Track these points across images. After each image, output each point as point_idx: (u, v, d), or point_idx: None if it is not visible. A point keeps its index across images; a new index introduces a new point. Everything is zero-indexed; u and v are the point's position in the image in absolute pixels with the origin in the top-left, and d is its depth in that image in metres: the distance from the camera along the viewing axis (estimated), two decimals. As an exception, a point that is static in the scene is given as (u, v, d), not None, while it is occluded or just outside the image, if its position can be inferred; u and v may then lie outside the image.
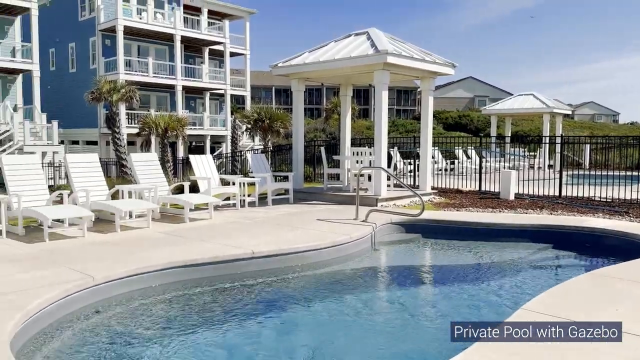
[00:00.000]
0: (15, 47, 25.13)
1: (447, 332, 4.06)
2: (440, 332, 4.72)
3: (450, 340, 4.00)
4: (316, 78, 13.33)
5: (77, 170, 8.59)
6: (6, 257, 6.12)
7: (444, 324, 4.76)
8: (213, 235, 7.57)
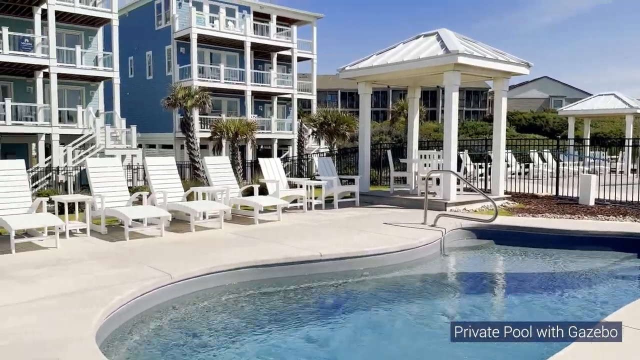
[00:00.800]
0: (97, 56, 26.85)
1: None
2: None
3: (450, 340, 3.96)
4: (384, 81, 13.24)
5: (155, 172, 9.02)
6: (91, 255, 6.52)
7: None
8: (281, 236, 7.68)
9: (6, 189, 7.44)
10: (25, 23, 24.20)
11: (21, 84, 25.32)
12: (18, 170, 7.69)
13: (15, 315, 4.30)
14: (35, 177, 21.72)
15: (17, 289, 5.03)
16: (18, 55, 22.17)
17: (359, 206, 11.23)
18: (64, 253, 6.55)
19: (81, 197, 7.93)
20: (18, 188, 7.54)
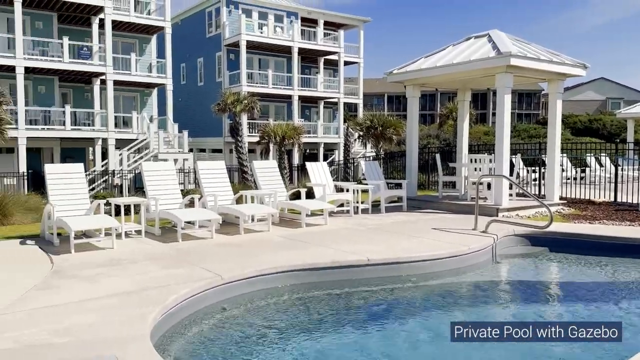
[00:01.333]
0: (151, 64, 27.80)
1: (582, 352, 3.72)
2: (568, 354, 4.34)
3: (450, 340, 3.93)
4: (432, 84, 13.06)
5: (206, 176, 9.24)
6: (146, 255, 6.75)
7: (574, 345, 4.37)
8: (328, 240, 7.70)
9: (66, 191, 7.81)
10: (84, 32, 25.38)
11: (80, 90, 26.55)
12: (78, 174, 8.07)
13: (76, 313, 4.50)
14: (92, 180, 22.69)
15: (77, 287, 5.26)
16: (77, 63, 23.26)
17: (406, 211, 11.10)
18: (120, 253, 6.81)
19: (136, 200, 8.23)
20: (77, 191, 7.91)
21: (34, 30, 23.68)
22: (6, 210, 11.46)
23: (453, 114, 29.37)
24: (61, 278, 5.59)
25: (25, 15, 22.42)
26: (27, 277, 5.66)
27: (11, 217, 11.45)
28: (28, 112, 22.53)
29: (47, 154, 24.80)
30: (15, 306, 4.63)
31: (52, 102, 24.38)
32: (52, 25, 24.20)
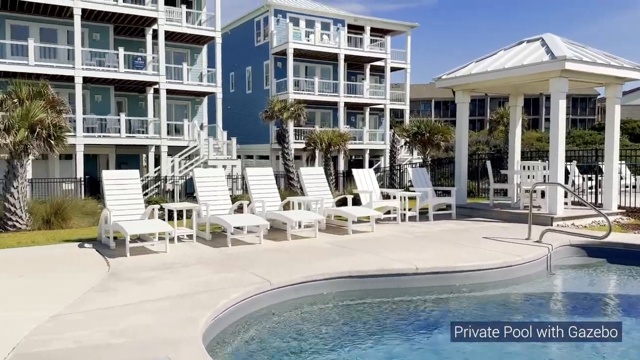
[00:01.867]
0: (202, 73, 28.56)
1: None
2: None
3: (450, 340, 3.92)
4: (483, 89, 12.78)
5: (255, 183, 9.39)
6: (198, 260, 6.91)
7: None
8: (375, 247, 7.64)
9: (122, 196, 8.11)
10: (138, 43, 26.39)
11: (134, 99, 27.59)
12: (133, 180, 8.38)
13: (132, 314, 4.65)
14: (145, 186, 23.47)
15: (133, 290, 5.44)
16: (132, 73, 24.19)
17: (455, 219, 10.88)
18: (173, 257, 7.00)
19: (188, 205, 8.45)
20: (133, 196, 8.20)
21: (92, 42, 24.81)
22: (65, 214, 12.02)
23: (504, 120, 28.67)
24: (117, 280, 5.80)
25: (83, 27, 23.53)
26: (85, 279, 5.90)
27: (69, 220, 11.99)
28: (85, 120, 23.58)
29: (102, 160, 25.88)
30: (75, 307, 4.84)
31: (108, 110, 25.45)
32: (108, 37, 25.30)
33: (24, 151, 12.00)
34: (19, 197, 11.86)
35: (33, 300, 5.15)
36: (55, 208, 11.94)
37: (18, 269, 6.51)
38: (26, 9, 22.51)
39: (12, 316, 4.66)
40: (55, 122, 12.09)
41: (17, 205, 11.76)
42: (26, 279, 6.03)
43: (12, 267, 6.68)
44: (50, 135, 11.97)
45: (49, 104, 12.72)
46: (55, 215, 11.79)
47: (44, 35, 23.82)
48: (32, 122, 11.76)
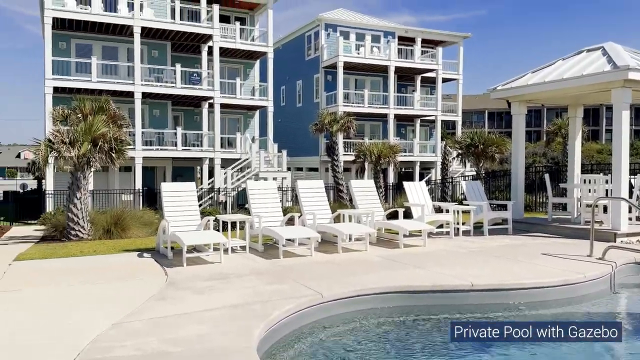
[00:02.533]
0: (254, 87, 29.21)
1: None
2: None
3: (449, 340, 3.89)
4: (540, 100, 12.41)
5: (306, 195, 9.47)
6: (251, 271, 7.03)
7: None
8: (428, 262, 7.52)
9: (180, 208, 8.38)
10: (194, 59, 27.32)
11: (190, 113, 28.52)
12: (190, 192, 8.64)
13: (189, 324, 4.77)
14: (199, 197, 24.11)
15: (189, 299, 5.60)
16: (188, 88, 25.05)
17: (511, 234, 10.56)
18: (227, 268, 7.15)
19: (242, 217, 8.63)
20: (190, 207, 8.46)
21: (150, 59, 25.89)
22: (124, 224, 12.46)
23: (562, 131, 27.58)
24: (175, 290, 5.98)
25: (143, 45, 24.59)
26: (144, 287, 6.12)
27: (129, 230, 12.42)
28: (144, 134, 24.53)
29: (159, 172, 26.84)
30: (135, 315, 5.02)
31: (165, 124, 26.42)
32: (166, 54, 26.34)
33: (86, 164, 12.53)
34: (82, 208, 12.40)
35: (95, 308, 5.39)
36: (115, 218, 12.40)
37: (81, 278, 6.83)
38: (90, 29, 23.80)
39: (77, 323, 4.89)
40: (116, 136, 12.60)
41: (79, 215, 12.29)
42: (89, 287, 6.32)
43: (76, 275, 7.02)
44: (111, 149, 12.46)
45: (110, 118, 13.32)
46: (115, 225, 12.22)
47: (105, 53, 25.09)
48: (94, 136, 12.28)
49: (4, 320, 5.04)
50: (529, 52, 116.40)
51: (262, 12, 29.02)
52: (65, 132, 12.16)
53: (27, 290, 6.16)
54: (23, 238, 12.56)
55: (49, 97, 21.86)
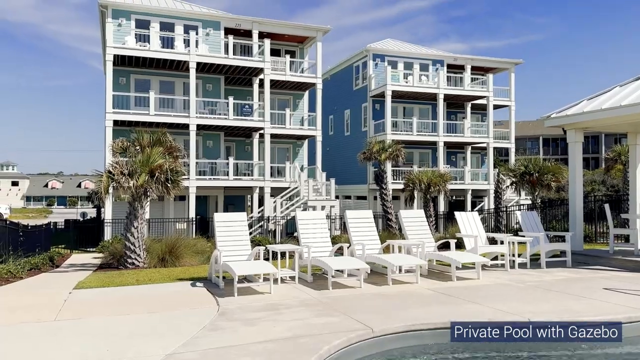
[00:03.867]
0: (303, 117, 29.69)
1: None
2: None
3: (450, 340, 3.90)
4: (596, 127, 11.98)
5: (354, 225, 9.45)
6: (301, 302, 7.03)
7: None
8: (482, 297, 7.28)
9: (231, 237, 8.55)
10: (245, 92, 28.14)
11: (241, 143, 29.24)
12: (241, 222, 8.81)
13: (241, 355, 4.81)
14: (250, 225, 24.45)
15: (241, 330, 5.65)
16: (240, 119, 25.77)
17: (570, 267, 10.09)
18: (277, 298, 7.19)
19: (292, 247, 8.69)
20: (241, 237, 8.61)
21: (205, 92, 26.88)
22: (178, 252, 12.75)
23: (622, 158, 26.38)
24: (227, 320, 6.05)
25: (197, 79, 25.57)
26: (197, 317, 6.24)
27: (182, 259, 12.68)
28: (198, 165, 25.28)
29: (212, 201, 27.49)
30: (189, 346, 5.11)
31: (218, 154, 27.16)
32: (220, 87, 27.27)
33: (144, 194, 12.96)
34: (138, 237, 12.78)
35: (150, 338, 5.53)
36: (169, 247, 12.72)
37: (137, 307, 7.04)
38: (148, 65, 25.04)
39: (132, 352, 5.03)
40: (172, 167, 13.04)
41: (136, 244, 12.67)
42: (144, 316, 6.50)
43: (132, 305, 7.25)
44: (167, 179, 12.87)
45: (167, 150, 13.80)
46: (170, 253, 12.52)
47: (163, 87, 26.24)
48: (152, 167, 12.72)
49: (63, 347, 5.24)
50: (582, 78, 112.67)
51: (312, 45, 29.67)
52: (125, 164, 12.67)
53: (87, 320, 6.41)
54: (82, 265, 13.11)
55: (109, 130, 22.92)
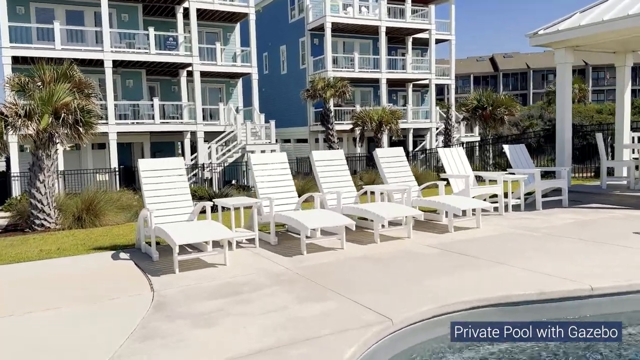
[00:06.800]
0: (236, 53, 26.79)
1: None
2: None
3: (450, 340, 3.50)
4: (590, 45, 10.39)
5: (324, 169, 7.49)
6: (271, 277, 5.08)
7: None
8: (501, 253, 5.69)
9: (165, 192, 6.36)
10: (168, 23, 24.72)
11: (166, 83, 26.04)
12: (177, 170, 6.60)
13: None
14: (182, 175, 21.98)
15: (190, 338, 3.63)
16: (164, 54, 22.58)
17: (567, 206, 8.79)
18: (236, 274, 5.20)
19: (249, 201, 6.63)
20: (178, 191, 6.44)
21: (120, 23, 23.28)
22: (98, 209, 10.58)
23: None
24: (166, 319, 4.01)
25: (111, 8, 21.96)
26: (121, 316, 4.16)
27: (104, 216, 10.56)
28: (117, 107, 22.17)
29: (137, 149, 24.52)
30: (108, 374, 3.08)
31: (140, 96, 23.98)
32: (137, 18, 23.69)
33: (49, 140, 10.54)
34: (47, 193, 10.42)
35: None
36: (87, 203, 10.50)
37: (26, 302, 4.81)
38: (50, -10, 21.10)
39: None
40: (82, 106, 10.57)
41: (44, 201, 10.34)
42: (37, 321, 4.28)
43: (21, 296, 5.02)
44: (77, 121, 10.48)
45: (75, 86, 11.19)
46: (88, 211, 10.36)
47: (70, 18, 22.37)
48: (56, 106, 10.27)
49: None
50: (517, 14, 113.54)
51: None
52: (22, 105, 10.17)
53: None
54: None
55: (8, 68, 19.36)
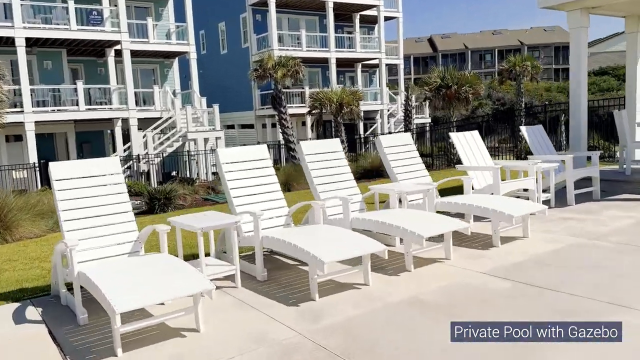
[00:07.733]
0: (170, 29, 23.96)
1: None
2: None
3: (450, 340, 3.21)
4: (609, 5, 8.87)
5: (317, 166, 5.48)
6: (280, 358, 3.09)
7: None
8: (602, 284, 4.02)
9: (94, 210, 4.17)
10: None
11: (92, 64, 22.80)
12: (112, 176, 4.41)
13: None
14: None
15: None
16: (87, 31, 19.50)
17: (599, 199, 7.31)
18: (217, 351, 3.17)
19: (221, 222, 4.48)
20: (114, 208, 4.25)
21: (33, -5, 19.94)
22: (9, 220, 8.24)
23: (516, 69, 25.05)
24: None
25: (21, -24, 18.66)
26: None
27: (16, 229, 8.30)
28: (35, 93, 19.00)
29: (60, 140, 21.32)
30: None
31: (61, 79, 20.76)
32: (53, -12, 20.40)
33: None
34: None
35: None
36: (-8, 212, 8.10)
37: None
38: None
39: None
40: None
41: None
42: None
43: None
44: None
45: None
46: (-5, 222, 7.99)
47: (-32, -12, 18.81)
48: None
49: None
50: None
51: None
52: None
53: None
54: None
55: None
